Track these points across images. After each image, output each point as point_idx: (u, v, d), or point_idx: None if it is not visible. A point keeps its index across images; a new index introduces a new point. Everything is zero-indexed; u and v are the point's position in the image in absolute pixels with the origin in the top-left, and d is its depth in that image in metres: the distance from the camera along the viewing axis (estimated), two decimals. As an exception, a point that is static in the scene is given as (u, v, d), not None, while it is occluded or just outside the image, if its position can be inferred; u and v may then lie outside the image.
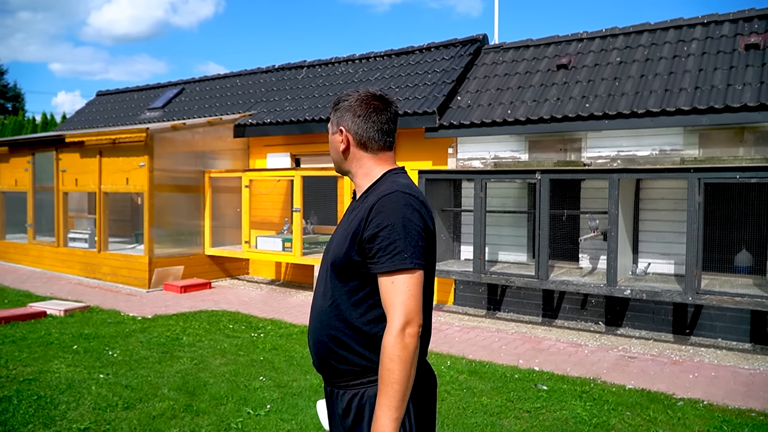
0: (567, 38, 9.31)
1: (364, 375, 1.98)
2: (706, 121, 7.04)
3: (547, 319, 8.13)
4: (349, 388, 2.01)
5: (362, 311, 1.98)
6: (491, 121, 8.40)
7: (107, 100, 16.62)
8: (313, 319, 2.09)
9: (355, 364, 1.98)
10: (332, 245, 2.07)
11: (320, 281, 2.10)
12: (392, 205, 1.91)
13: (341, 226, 2.08)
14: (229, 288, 10.30)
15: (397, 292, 1.86)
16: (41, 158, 11.99)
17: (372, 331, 1.97)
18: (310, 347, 2.11)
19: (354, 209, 2.07)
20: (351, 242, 1.95)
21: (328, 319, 2.01)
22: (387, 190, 1.96)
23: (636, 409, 4.79)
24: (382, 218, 1.90)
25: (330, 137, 2.15)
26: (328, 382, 2.09)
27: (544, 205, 7.17)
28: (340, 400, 2.03)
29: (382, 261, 1.88)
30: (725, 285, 6.65)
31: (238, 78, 13.70)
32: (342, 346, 1.99)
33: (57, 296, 9.11)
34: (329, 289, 2.03)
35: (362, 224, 1.94)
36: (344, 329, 1.98)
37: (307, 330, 2.15)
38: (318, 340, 2.05)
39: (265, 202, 10.94)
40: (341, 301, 1.99)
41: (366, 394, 1.97)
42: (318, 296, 2.09)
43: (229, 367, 5.75)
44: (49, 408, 4.64)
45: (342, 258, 1.97)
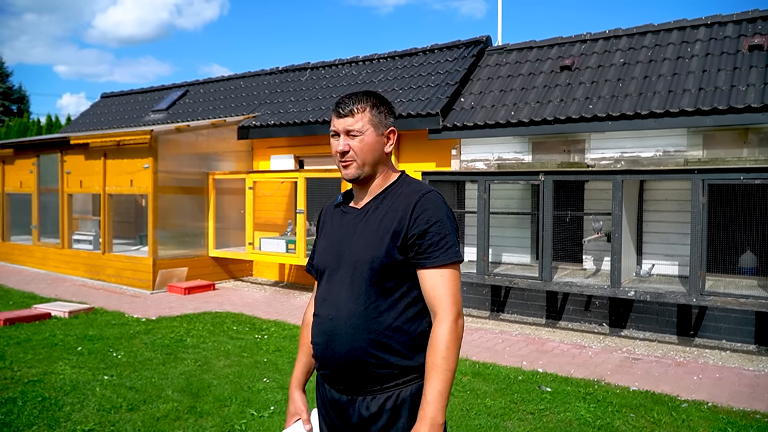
0: (570, 40, 9.30)
1: (402, 376, 1.99)
2: (710, 122, 7.03)
3: (551, 321, 8.12)
4: (382, 391, 1.99)
5: (400, 310, 1.99)
6: (495, 122, 8.40)
7: (112, 102, 16.67)
8: (342, 326, 2.00)
9: (395, 366, 1.97)
10: (354, 248, 2.02)
11: (338, 287, 2.03)
12: (435, 203, 2.01)
13: (365, 227, 2.04)
14: (233, 289, 10.31)
15: (447, 285, 1.95)
16: (46, 160, 12.03)
17: (411, 330, 1.99)
18: (336, 357, 2.01)
19: (368, 210, 2.06)
20: (392, 241, 1.97)
21: (366, 323, 1.97)
22: (422, 189, 2.05)
23: (640, 411, 4.79)
24: (429, 215, 1.98)
25: (372, 138, 2.05)
26: (354, 391, 2.02)
27: (547, 207, 7.16)
28: (365, 406, 1.99)
29: (435, 255, 1.96)
30: (729, 286, 6.63)
31: (242, 80, 13.73)
32: (384, 349, 1.96)
33: (61, 298, 9.13)
34: (362, 291, 1.98)
35: (405, 222, 1.97)
36: (385, 331, 1.96)
37: (322, 341, 2.05)
38: (354, 347, 1.97)
39: (268, 203, 10.95)
40: (379, 303, 1.98)
41: (401, 395, 1.98)
42: (343, 302, 2.01)
43: (233, 369, 5.76)
44: (53, 409, 4.66)
45: (383, 258, 1.96)
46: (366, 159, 2.05)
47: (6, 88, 32.19)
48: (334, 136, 2.09)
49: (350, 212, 2.13)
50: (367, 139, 2.05)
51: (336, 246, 2.09)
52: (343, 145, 2.05)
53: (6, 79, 32.60)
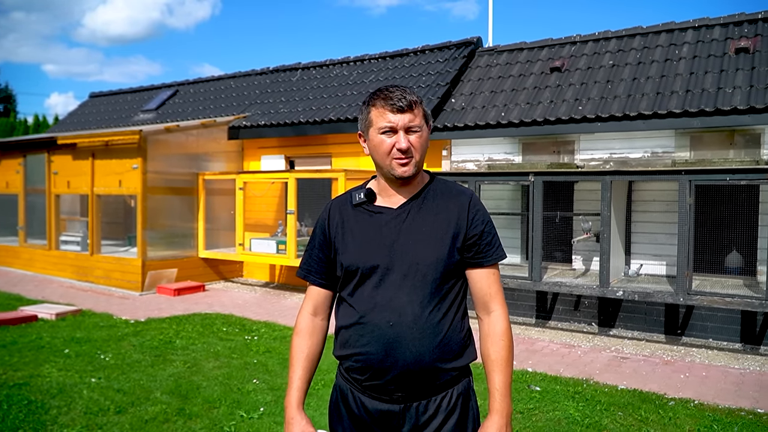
0: (560, 41, 9.35)
1: (459, 376, 2.02)
2: (697, 124, 7.09)
3: (541, 320, 8.15)
4: (439, 393, 1.98)
5: (455, 311, 2.01)
6: (485, 123, 8.42)
7: (100, 102, 16.58)
8: (408, 332, 1.91)
9: (456, 367, 1.99)
10: (411, 249, 1.94)
11: (395, 291, 1.93)
12: (481, 204, 2.09)
13: (414, 228, 1.97)
14: (223, 291, 10.28)
15: (498, 282, 2.06)
16: (33, 160, 11.94)
17: (462, 328, 2.03)
18: (401, 365, 1.91)
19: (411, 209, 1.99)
20: (452, 243, 1.97)
21: (432, 327, 1.93)
22: (466, 190, 2.09)
23: (628, 409, 4.82)
24: (482, 215, 2.05)
25: (426, 134, 2.00)
26: (413, 397, 1.95)
27: (537, 207, 7.19)
28: (422, 410, 1.96)
29: (490, 254, 2.04)
30: (716, 286, 6.69)
31: (233, 80, 13.69)
32: (449, 351, 1.96)
33: (49, 300, 9.07)
34: (426, 295, 1.93)
35: (464, 223, 2.00)
36: (448, 333, 1.96)
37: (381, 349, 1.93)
38: (422, 352, 1.91)
39: (259, 204, 10.93)
40: (441, 305, 1.96)
41: (454, 393, 2.00)
42: (405, 306, 1.92)
43: (222, 371, 5.75)
44: (40, 413, 4.63)
45: (447, 260, 1.96)
46: (423, 155, 1.98)
47: (-7, 88, 31.97)
48: (387, 132, 1.94)
49: (384, 212, 2.01)
50: (425, 135, 1.99)
51: (381, 247, 1.96)
52: (406, 141, 1.93)
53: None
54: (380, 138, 1.96)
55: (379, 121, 1.95)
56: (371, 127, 1.98)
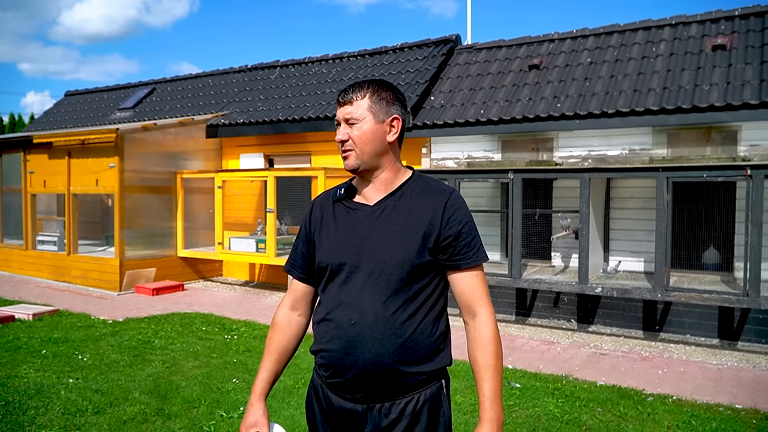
0: (539, 39, 9.39)
1: (427, 381, 1.94)
2: (674, 121, 7.16)
3: (521, 317, 8.19)
4: (403, 396, 1.92)
5: (425, 313, 1.93)
6: (464, 121, 8.44)
7: (76, 101, 16.36)
8: (368, 332, 1.88)
9: (421, 372, 1.92)
10: (378, 248, 1.91)
11: (359, 289, 1.91)
12: (462, 203, 1.99)
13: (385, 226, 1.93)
14: (203, 290, 10.21)
15: (482, 285, 1.97)
16: (8, 160, 11.75)
17: (434, 332, 1.95)
18: (360, 364, 1.89)
19: (385, 207, 1.96)
20: (423, 242, 1.90)
21: (394, 327, 1.88)
22: (447, 188, 2.01)
23: (607, 405, 4.86)
24: (460, 215, 1.95)
25: (371, 126, 1.94)
26: (373, 398, 1.92)
27: (516, 205, 7.22)
28: (384, 413, 1.91)
29: (469, 256, 1.95)
30: (693, 282, 6.77)
31: (211, 78, 13.58)
32: (412, 354, 1.89)
33: (25, 300, 8.94)
34: (390, 294, 1.89)
35: (437, 223, 1.92)
36: (413, 335, 1.89)
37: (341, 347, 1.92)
38: (382, 353, 1.87)
39: (238, 203, 10.86)
40: (407, 306, 1.90)
41: (421, 398, 1.92)
42: (368, 306, 1.89)
43: (201, 370, 5.70)
44: (17, 413, 4.56)
45: (415, 260, 1.89)
46: (365, 148, 1.94)
47: (-33, 86, 31.40)
48: (338, 126, 1.99)
49: (360, 209, 1.99)
50: (365, 127, 1.94)
51: (351, 245, 1.94)
52: (342, 133, 1.96)
53: (-33, 77, 31.79)
54: (336, 132, 2.02)
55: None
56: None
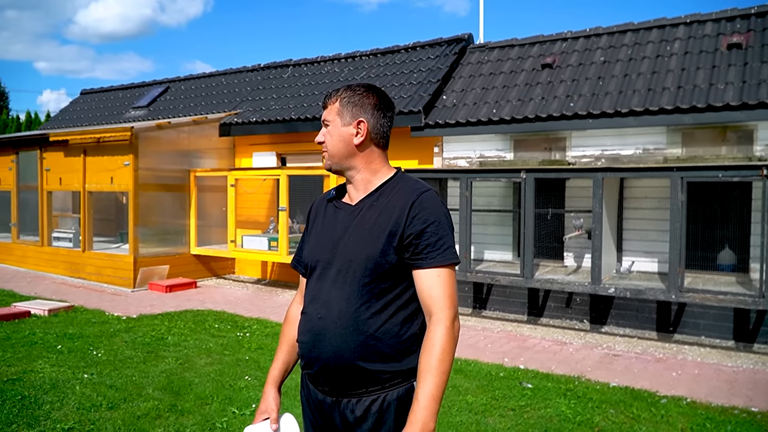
0: (552, 38, 9.35)
1: (390, 379, 1.93)
2: (689, 121, 7.10)
3: (533, 318, 8.17)
4: (368, 394, 1.94)
5: (392, 312, 1.93)
6: (477, 120, 8.43)
7: (92, 99, 16.50)
8: (331, 327, 1.93)
9: (384, 370, 1.92)
10: (347, 246, 1.96)
11: (329, 286, 1.97)
12: (433, 203, 1.96)
13: (359, 225, 1.98)
14: (215, 287, 10.26)
15: (443, 286, 1.89)
16: (25, 157, 11.87)
17: (402, 332, 1.94)
18: (323, 358, 1.95)
19: (363, 207, 2.00)
20: (387, 241, 1.91)
21: (356, 324, 1.91)
22: (420, 188, 1.98)
23: (620, 407, 4.83)
24: (427, 214, 1.92)
25: (336, 129, 2.02)
26: (339, 393, 1.97)
27: (529, 204, 7.20)
28: (350, 409, 1.95)
29: (432, 256, 1.90)
30: (708, 283, 6.72)
31: (224, 77, 13.65)
32: (373, 352, 1.90)
33: (41, 296, 9.03)
34: (354, 291, 1.92)
35: (402, 222, 1.92)
36: (375, 333, 1.90)
37: (309, 340, 2.00)
38: (342, 349, 1.91)
39: (250, 201, 10.91)
40: (371, 304, 1.92)
41: (387, 398, 1.93)
42: (334, 301, 1.95)
43: (214, 367, 5.74)
44: (33, 408, 4.61)
45: (378, 258, 1.91)
46: (332, 150, 2.03)
47: (-17, 85, 31.72)
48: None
49: (343, 208, 2.05)
50: (332, 129, 2.02)
51: (328, 243, 2.02)
52: (320, 135, 2.07)
53: (-16, 76, 32.14)
54: None
55: None
56: None
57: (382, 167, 2.07)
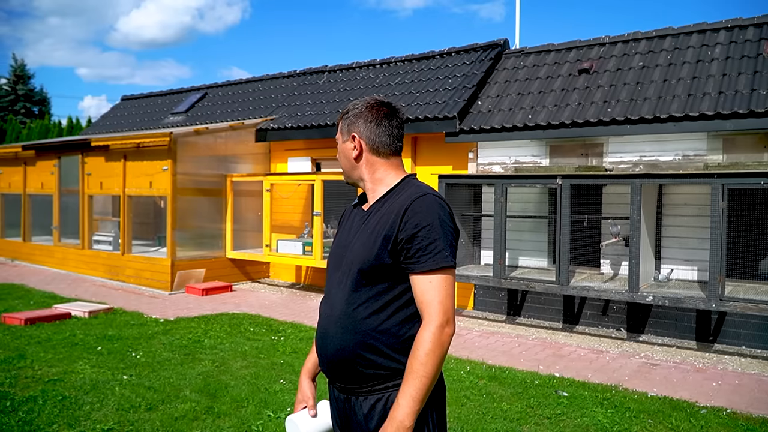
0: (589, 43, 9.26)
1: (391, 379, 1.99)
2: (730, 126, 6.97)
3: (568, 325, 8.08)
4: (372, 393, 2.01)
5: (390, 313, 1.99)
6: (512, 125, 8.38)
7: (132, 105, 16.84)
8: (333, 326, 2.04)
9: (382, 367, 1.98)
10: (352, 249, 2.05)
11: (336, 287, 2.08)
12: (427, 207, 1.96)
13: (364, 230, 2.06)
14: (250, 291, 10.37)
15: (435, 291, 1.91)
16: (67, 162, 12.18)
17: (401, 333, 1.99)
18: (328, 355, 2.06)
19: (371, 213, 2.08)
20: (383, 245, 1.96)
21: (354, 323, 1.99)
22: (417, 193, 2.01)
23: (658, 417, 4.75)
24: (419, 219, 1.94)
25: (340, 146, 2.19)
26: (347, 390, 2.06)
27: (565, 211, 7.13)
28: (359, 406, 2.03)
29: (423, 260, 1.93)
30: (749, 292, 6.57)
31: (260, 83, 13.81)
32: (370, 350, 1.98)
33: (81, 298, 9.24)
34: (352, 292, 2.01)
35: (396, 226, 1.96)
36: (372, 333, 1.97)
37: (319, 338, 2.12)
38: (342, 347, 2.01)
39: (285, 206, 11.01)
40: (369, 304, 1.99)
41: (391, 398, 1.97)
42: (337, 302, 2.05)
43: (249, 370, 5.80)
44: (73, 408, 4.72)
45: (373, 261, 1.97)
46: (342, 166, 2.20)
47: (28, 90, 32.63)
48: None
49: (360, 214, 2.16)
50: (340, 147, 2.20)
51: (340, 247, 2.14)
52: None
53: (28, 82, 33.04)
54: None
55: None
56: None
57: (387, 175, 2.13)
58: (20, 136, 23.12)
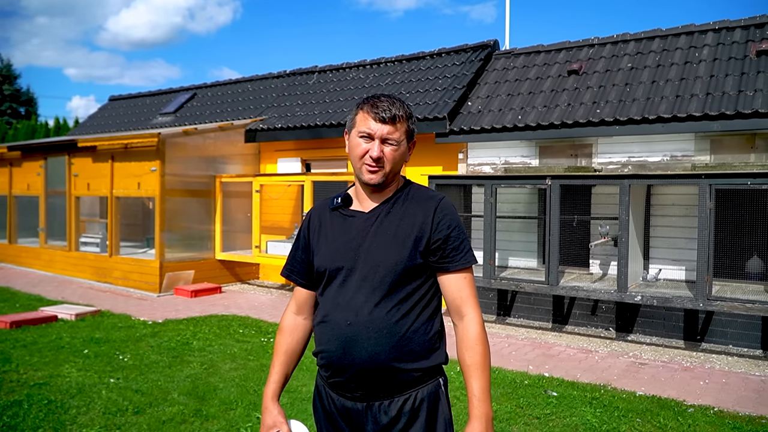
0: (578, 44, 9.30)
1: (423, 379, 2.01)
2: (718, 127, 7.01)
3: (557, 325, 8.10)
4: (401, 394, 1.99)
5: (418, 312, 2.01)
6: (502, 126, 8.40)
7: (120, 105, 16.74)
8: (363, 332, 1.96)
9: (418, 369, 1.99)
10: (371, 252, 2.00)
11: (355, 292, 1.99)
12: (451, 208, 2.08)
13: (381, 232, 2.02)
14: (240, 293, 10.33)
15: (470, 287, 2.05)
16: (54, 163, 12.08)
17: (428, 330, 2.03)
18: (356, 363, 1.96)
19: (380, 214, 2.05)
20: (414, 246, 1.99)
21: (389, 327, 1.96)
22: (437, 195, 2.10)
23: (646, 416, 4.77)
24: (449, 220, 2.04)
25: (404, 148, 2.05)
26: (373, 396, 1.99)
27: (554, 211, 7.15)
28: (383, 411, 1.98)
29: (457, 259, 2.03)
30: (736, 291, 6.61)
31: (250, 83, 13.77)
32: (407, 352, 1.97)
33: (68, 300, 9.17)
34: (383, 295, 1.97)
35: (427, 227, 2.01)
36: (407, 334, 1.97)
37: (339, 347, 2.00)
38: (377, 352, 1.95)
39: (275, 206, 10.97)
40: (400, 306, 1.98)
41: (419, 396, 1.99)
42: (361, 306, 1.97)
43: (238, 372, 5.77)
44: (59, 412, 4.67)
45: (406, 263, 1.98)
46: (395, 168, 2.04)
47: (14, 91, 32.40)
48: (365, 138, 2.01)
49: (357, 216, 2.08)
50: (402, 149, 2.05)
51: (348, 250, 2.04)
52: (379, 151, 1.99)
53: (14, 82, 32.80)
54: (357, 141, 2.04)
55: (362, 125, 2.03)
56: (354, 128, 2.06)
57: (399, 176, 2.16)
58: (6, 137, 22.94)
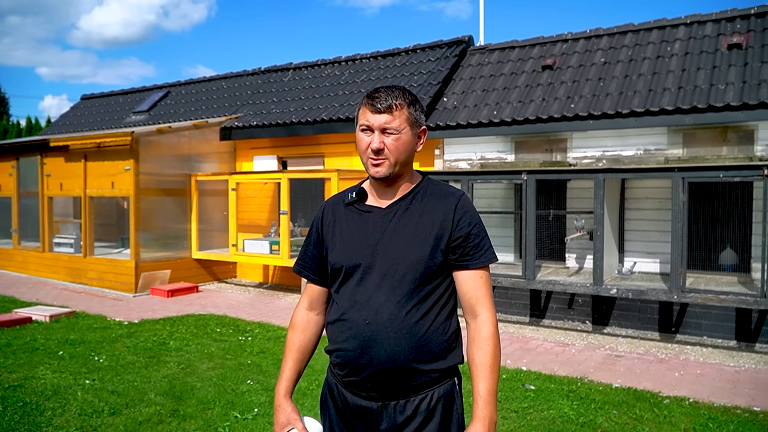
0: (552, 39, 9.35)
1: (439, 379, 1.98)
2: (690, 121, 7.10)
3: (535, 319, 8.16)
4: (418, 394, 1.97)
5: (437, 312, 1.98)
6: (477, 122, 8.43)
7: (92, 104, 16.51)
8: (383, 332, 1.92)
9: (437, 369, 1.97)
10: (389, 250, 1.96)
11: (375, 290, 1.95)
12: (471, 206, 2.05)
13: (399, 229, 1.98)
14: (217, 291, 10.25)
15: (486, 286, 2.01)
16: (26, 163, 11.88)
17: (446, 330, 2.00)
18: (375, 363, 1.93)
19: (397, 210, 2.01)
20: (435, 244, 1.96)
21: (409, 326, 1.93)
22: (456, 192, 2.06)
23: (623, 408, 4.82)
24: (470, 217, 2.01)
25: (408, 137, 1.99)
26: (390, 396, 1.96)
27: (530, 206, 7.20)
28: (399, 410, 1.96)
29: (477, 257, 2.00)
30: (710, 283, 6.71)
31: (224, 80, 13.66)
32: (426, 352, 1.94)
33: (42, 302, 9.03)
34: (404, 294, 1.94)
35: (448, 225, 1.97)
36: (426, 334, 1.94)
37: (357, 347, 1.95)
38: (397, 352, 1.92)
39: (252, 205, 10.91)
40: (420, 306, 1.95)
41: (434, 395, 1.97)
42: (381, 306, 1.93)
43: (216, 371, 5.73)
44: (34, 414, 4.60)
45: (428, 261, 1.95)
46: (399, 158, 1.98)
47: (-16, 90, 31.79)
48: (366, 131, 1.98)
49: (373, 211, 2.04)
50: (404, 138, 1.98)
51: (365, 246, 1.99)
52: (378, 142, 1.95)
53: (-16, 81, 32.19)
54: (360, 135, 2.01)
55: (361, 119, 2.00)
56: (357, 123, 2.04)
57: (414, 171, 2.12)
58: (-23, 137, 22.53)
